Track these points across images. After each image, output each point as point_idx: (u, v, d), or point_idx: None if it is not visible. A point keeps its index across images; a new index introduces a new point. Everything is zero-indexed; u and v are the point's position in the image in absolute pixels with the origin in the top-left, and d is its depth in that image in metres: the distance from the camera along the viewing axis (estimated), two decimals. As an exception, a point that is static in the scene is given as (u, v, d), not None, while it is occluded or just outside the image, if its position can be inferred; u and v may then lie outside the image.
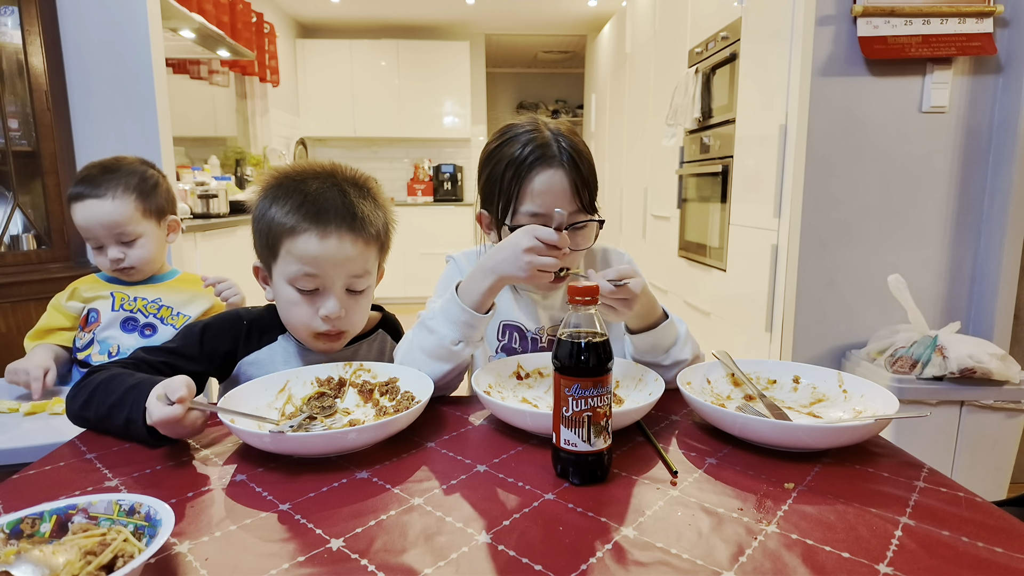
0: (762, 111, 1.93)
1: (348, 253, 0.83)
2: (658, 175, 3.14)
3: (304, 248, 0.81)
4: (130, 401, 0.70)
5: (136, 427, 0.69)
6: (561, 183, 0.87)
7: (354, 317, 0.89)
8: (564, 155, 0.87)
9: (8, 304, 1.75)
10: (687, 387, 0.77)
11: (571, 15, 5.07)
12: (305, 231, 0.81)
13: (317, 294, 0.85)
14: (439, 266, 1.08)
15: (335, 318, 0.84)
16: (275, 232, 0.83)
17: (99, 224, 1.19)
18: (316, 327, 0.86)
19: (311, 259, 0.82)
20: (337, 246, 0.82)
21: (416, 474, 0.63)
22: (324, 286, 0.84)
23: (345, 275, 0.84)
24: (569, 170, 0.87)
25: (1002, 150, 1.72)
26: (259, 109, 4.28)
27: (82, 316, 1.25)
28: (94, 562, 0.44)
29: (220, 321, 0.92)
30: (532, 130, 0.90)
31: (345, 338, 0.90)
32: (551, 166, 0.87)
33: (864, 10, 1.65)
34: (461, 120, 5.35)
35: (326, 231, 0.81)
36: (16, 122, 1.88)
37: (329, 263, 0.82)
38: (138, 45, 1.93)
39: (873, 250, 1.80)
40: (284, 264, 0.84)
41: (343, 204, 0.83)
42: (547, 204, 0.86)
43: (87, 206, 1.18)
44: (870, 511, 0.55)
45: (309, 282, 0.83)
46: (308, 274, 0.82)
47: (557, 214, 0.79)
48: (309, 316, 0.85)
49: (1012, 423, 1.61)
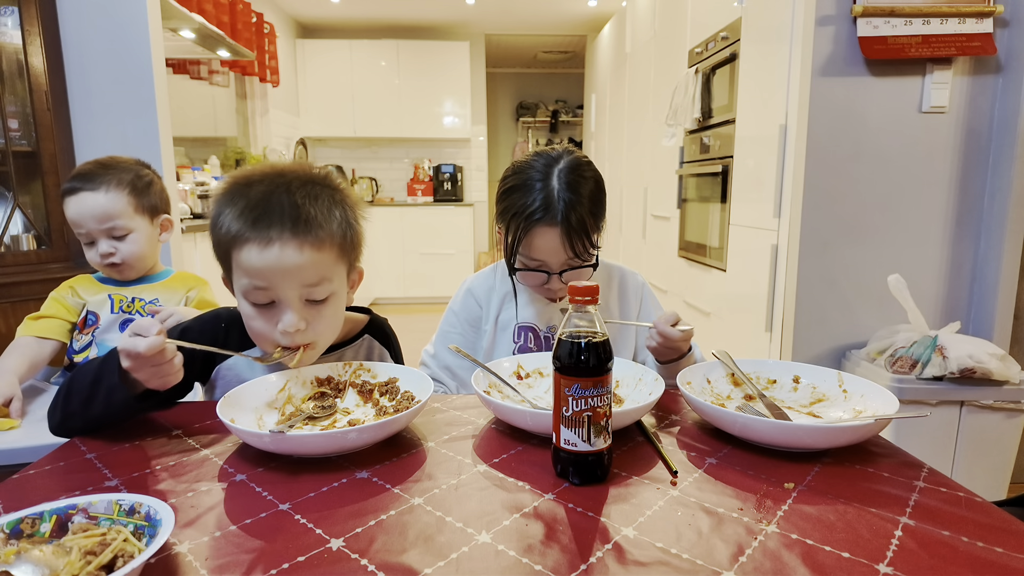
0: (762, 111, 1.93)
1: (295, 261, 0.75)
2: (658, 175, 3.14)
3: (248, 260, 0.74)
4: (104, 371, 0.71)
5: (118, 391, 0.69)
6: (554, 242, 0.95)
7: (319, 327, 0.80)
8: (560, 215, 0.93)
9: (8, 304, 1.75)
10: (687, 387, 0.78)
11: (571, 15, 5.08)
12: (247, 241, 0.74)
13: (273, 307, 0.77)
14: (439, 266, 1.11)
15: (294, 332, 0.77)
16: (223, 243, 0.77)
17: (91, 216, 1.18)
18: (277, 340, 0.79)
19: (256, 271, 0.75)
20: (280, 255, 0.74)
21: (416, 474, 0.63)
22: (278, 299, 0.77)
23: (297, 285, 0.76)
24: (564, 228, 0.94)
25: (1002, 150, 1.72)
26: (259, 109, 4.28)
27: (80, 318, 1.25)
28: (94, 562, 0.44)
29: (200, 323, 0.89)
30: (541, 179, 0.95)
31: (313, 350, 0.82)
32: (550, 225, 0.94)
33: (864, 10, 1.65)
34: (461, 120, 5.35)
35: (267, 239, 0.74)
36: (16, 122, 1.88)
37: (276, 274, 0.75)
38: (138, 45, 1.93)
39: (873, 250, 1.80)
40: (236, 277, 0.78)
41: (287, 206, 0.75)
42: (542, 256, 0.97)
43: (80, 198, 1.18)
44: (870, 511, 0.55)
45: (261, 295, 0.76)
46: (257, 287, 0.76)
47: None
48: (268, 330, 0.78)
49: (1012, 423, 1.61)
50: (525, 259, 0.99)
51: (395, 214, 5.14)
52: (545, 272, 0.98)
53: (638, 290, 1.14)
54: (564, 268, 0.98)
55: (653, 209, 3.26)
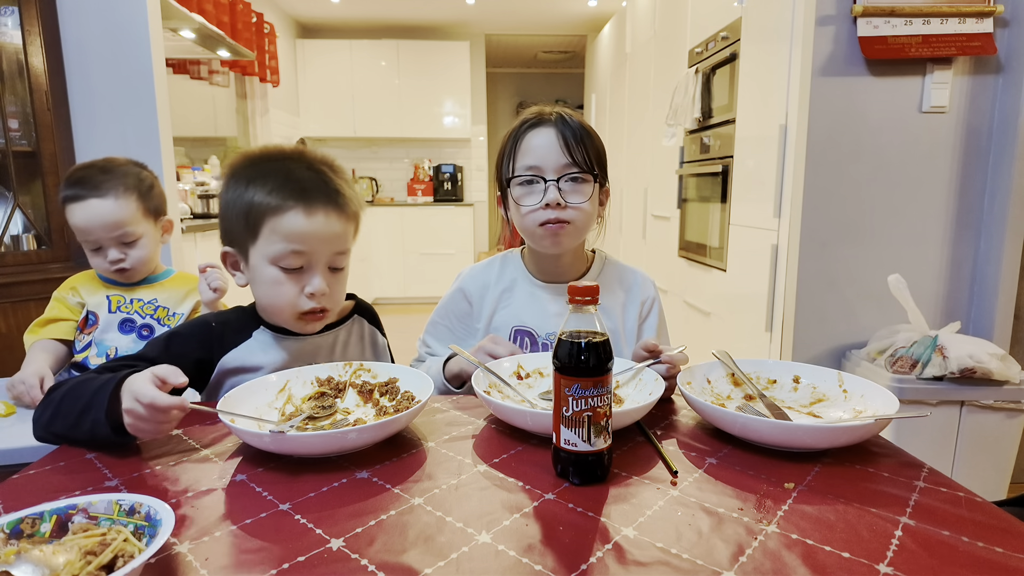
0: (762, 111, 1.93)
1: (335, 230, 0.85)
2: (658, 175, 3.14)
3: (291, 226, 0.82)
4: (94, 403, 0.68)
5: (101, 427, 0.66)
6: (550, 137, 0.97)
7: (335, 296, 0.90)
8: (554, 116, 0.98)
9: (8, 304, 1.75)
10: (687, 387, 0.77)
11: (571, 15, 5.08)
12: (291, 208, 0.82)
13: (302, 272, 0.85)
14: (439, 266, 1.11)
15: (320, 295, 0.85)
16: (256, 212, 0.83)
17: (101, 225, 1.17)
18: (301, 306, 0.86)
19: (298, 236, 0.82)
20: (324, 223, 0.84)
21: (416, 474, 0.63)
22: (309, 263, 0.85)
23: (330, 252, 0.86)
24: (559, 128, 0.97)
25: (1002, 150, 1.72)
26: (259, 109, 4.28)
27: (81, 318, 1.25)
28: (94, 562, 0.44)
29: (187, 328, 0.90)
30: (536, 111, 1.01)
31: (326, 318, 0.90)
32: (543, 125, 0.98)
33: (864, 10, 1.65)
34: (461, 120, 5.35)
35: (312, 208, 0.83)
36: (16, 122, 1.88)
37: (316, 239, 0.84)
38: (138, 45, 1.93)
39: (873, 250, 1.80)
40: (267, 244, 0.84)
41: (323, 182, 0.85)
42: (539, 157, 0.97)
43: (89, 206, 1.16)
44: (870, 511, 0.55)
45: (296, 259, 0.84)
46: (296, 251, 0.83)
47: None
48: (294, 295, 0.85)
49: (1012, 423, 1.61)
50: (520, 170, 0.98)
51: (395, 214, 5.14)
52: (541, 179, 0.96)
53: (648, 302, 1.10)
54: (561, 175, 0.96)
55: (653, 209, 3.26)
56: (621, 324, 1.07)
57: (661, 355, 0.85)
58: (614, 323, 1.06)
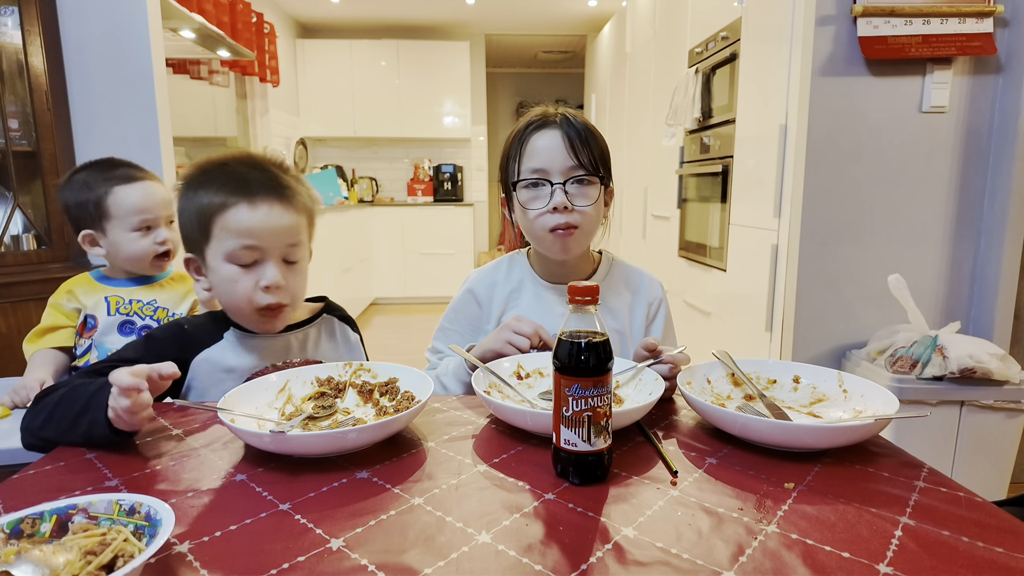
0: (762, 111, 1.93)
1: (282, 221, 0.86)
2: (658, 175, 3.14)
3: (238, 220, 0.84)
4: (92, 404, 0.69)
5: (99, 427, 0.67)
6: (555, 139, 0.96)
7: (293, 288, 0.90)
8: (559, 118, 0.98)
9: (8, 304, 1.75)
10: (687, 387, 0.77)
11: (571, 15, 5.08)
12: (236, 204, 0.84)
13: (256, 266, 0.86)
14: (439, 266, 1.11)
15: (276, 287, 0.86)
16: (205, 213, 0.85)
17: (161, 202, 1.23)
18: (258, 301, 0.86)
19: (246, 230, 0.84)
20: (269, 214, 0.85)
21: (416, 474, 0.63)
22: (262, 257, 0.86)
23: (281, 244, 0.87)
24: (564, 129, 0.96)
25: (1002, 150, 1.72)
26: (259, 109, 4.28)
27: (79, 322, 1.24)
28: (94, 562, 0.44)
29: (162, 331, 0.92)
30: (540, 112, 1.01)
31: (286, 313, 0.90)
32: (548, 127, 0.98)
33: (864, 10, 1.65)
34: (461, 120, 5.35)
35: (255, 201, 0.85)
36: (16, 122, 1.88)
37: (265, 232, 0.85)
38: (138, 45, 1.93)
39: (873, 250, 1.80)
40: (219, 243, 0.85)
41: (268, 178, 0.87)
42: (545, 159, 0.96)
43: (146, 186, 1.22)
44: (870, 511, 0.55)
45: (247, 254, 0.85)
46: (246, 246, 0.85)
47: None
48: (250, 290, 0.86)
49: (1012, 423, 1.61)
50: (526, 173, 0.98)
51: (395, 214, 5.14)
52: (547, 182, 0.96)
53: (655, 304, 1.09)
54: (567, 178, 0.96)
55: (653, 209, 3.26)
56: (628, 325, 1.06)
57: (661, 355, 0.84)
58: (621, 324, 1.05)
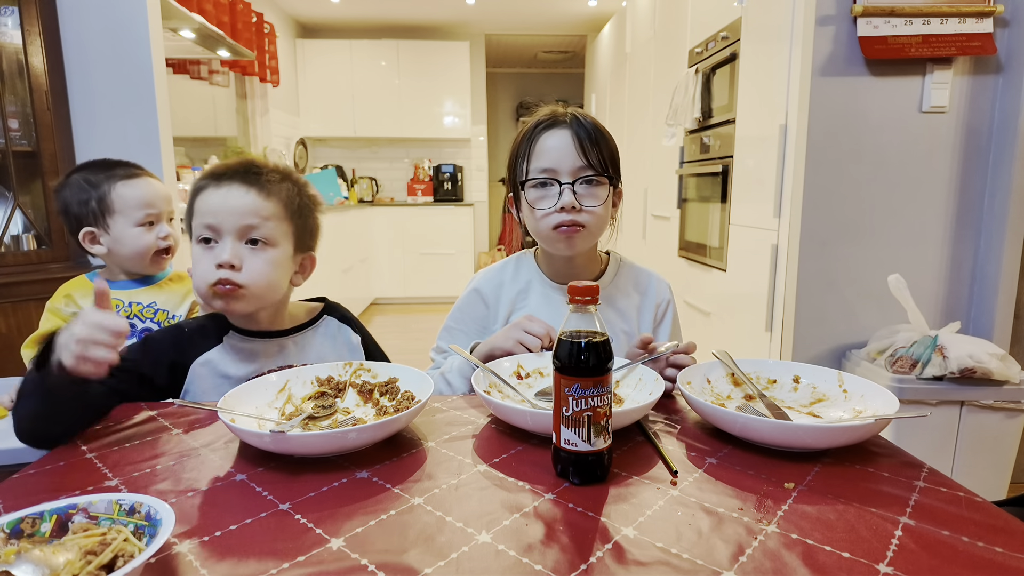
0: (762, 111, 1.93)
1: (244, 201, 0.87)
2: (658, 175, 3.14)
3: (204, 201, 0.88)
4: (43, 360, 0.70)
5: (51, 376, 0.68)
6: (564, 139, 0.96)
7: (252, 272, 0.87)
8: (569, 117, 0.97)
9: (8, 304, 1.75)
10: (687, 387, 0.77)
11: (571, 15, 5.08)
12: (205, 188, 0.88)
13: (216, 247, 0.87)
14: (439, 266, 1.11)
15: (228, 264, 0.85)
16: (190, 204, 0.90)
17: (163, 197, 1.26)
18: (209, 278, 0.86)
19: (208, 209, 0.87)
20: (229, 193, 0.87)
21: (416, 474, 0.63)
22: (218, 235, 0.87)
23: (238, 223, 0.87)
24: (574, 129, 0.96)
25: (1002, 150, 1.72)
26: (259, 109, 4.28)
27: None
28: (94, 562, 0.44)
29: (161, 333, 0.94)
30: (548, 111, 1.01)
31: (243, 299, 0.88)
32: (557, 127, 0.97)
33: (864, 10, 1.65)
34: (461, 120, 5.35)
35: (221, 182, 0.88)
36: (16, 122, 1.88)
37: (224, 211, 0.86)
38: (138, 45, 1.93)
39: (873, 250, 1.80)
40: (195, 224, 0.89)
41: (244, 167, 0.89)
42: (554, 159, 0.96)
43: (148, 181, 1.25)
44: (870, 511, 0.55)
45: (207, 232, 0.87)
46: (206, 224, 0.86)
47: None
48: (207, 268, 0.86)
49: (1012, 423, 1.61)
50: (535, 173, 0.97)
51: (395, 214, 5.14)
52: (556, 182, 0.96)
53: (663, 305, 1.09)
54: (576, 178, 0.95)
55: (653, 209, 3.26)
56: (636, 327, 1.06)
57: (655, 351, 0.85)
58: (629, 326, 1.05)
